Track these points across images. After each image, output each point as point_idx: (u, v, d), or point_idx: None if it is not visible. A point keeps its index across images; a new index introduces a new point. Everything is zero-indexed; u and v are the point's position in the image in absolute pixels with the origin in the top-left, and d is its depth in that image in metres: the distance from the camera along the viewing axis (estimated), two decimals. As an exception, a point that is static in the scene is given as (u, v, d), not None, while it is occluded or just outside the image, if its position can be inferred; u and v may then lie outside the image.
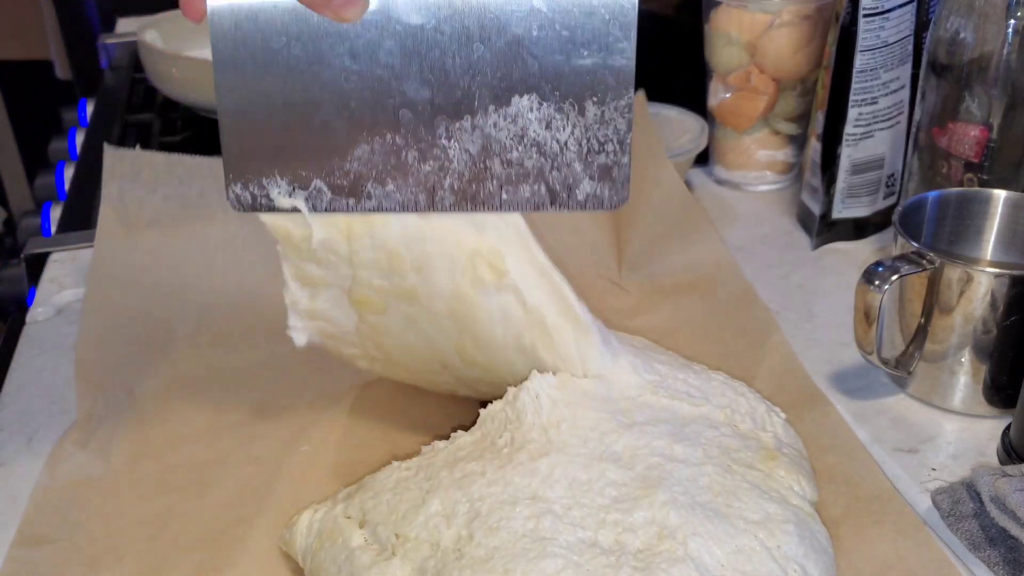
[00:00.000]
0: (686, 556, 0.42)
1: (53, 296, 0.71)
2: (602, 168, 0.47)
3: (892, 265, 0.56)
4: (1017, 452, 0.54)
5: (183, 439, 0.57)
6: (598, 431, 0.48)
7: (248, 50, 0.45)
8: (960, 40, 0.65)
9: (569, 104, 0.46)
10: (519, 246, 0.49)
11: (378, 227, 0.48)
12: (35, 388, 0.62)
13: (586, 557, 0.42)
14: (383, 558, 0.45)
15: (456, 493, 0.46)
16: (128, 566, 0.49)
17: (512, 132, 0.46)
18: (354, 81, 0.45)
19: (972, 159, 0.66)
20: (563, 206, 0.48)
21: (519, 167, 0.47)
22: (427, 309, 0.50)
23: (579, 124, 0.46)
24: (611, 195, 0.48)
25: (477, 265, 0.48)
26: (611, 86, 0.46)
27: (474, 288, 0.48)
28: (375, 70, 0.45)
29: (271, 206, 0.47)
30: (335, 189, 0.47)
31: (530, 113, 0.46)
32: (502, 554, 0.42)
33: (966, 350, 0.57)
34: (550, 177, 0.47)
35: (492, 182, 0.47)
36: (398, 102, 0.46)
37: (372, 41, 0.45)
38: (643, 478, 0.46)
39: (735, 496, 0.46)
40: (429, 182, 0.47)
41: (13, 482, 0.54)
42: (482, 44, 0.45)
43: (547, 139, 0.47)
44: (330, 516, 0.48)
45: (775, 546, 0.44)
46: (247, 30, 0.44)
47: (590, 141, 0.47)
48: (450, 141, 0.47)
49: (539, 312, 0.49)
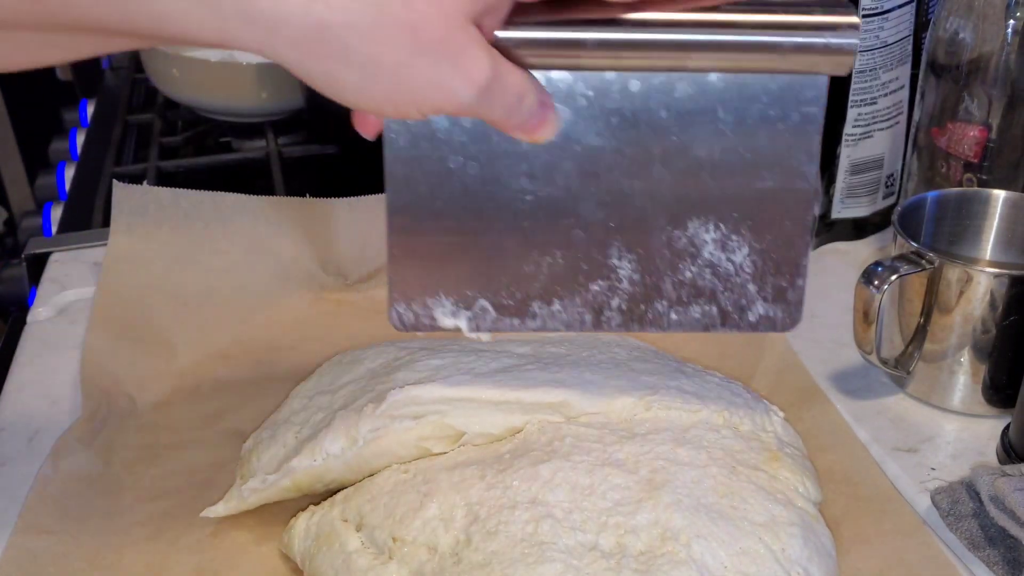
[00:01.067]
0: (689, 558, 0.42)
1: (54, 296, 0.71)
2: (776, 290, 0.45)
3: (891, 265, 0.56)
4: (1016, 451, 0.54)
5: (183, 446, 0.57)
6: (601, 443, 0.48)
7: (422, 169, 0.43)
8: (959, 40, 0.65)
9: (747, 226, 0.44)
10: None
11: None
12: (36, 388, 0.62)
13: (586, 561, 0.42)
14: (380, 562, 0.45)
15: (455, 497, 0.45)
16: (127, 564, 0.49)
17: (686, 253, 0.45)
18: (529, 202, 0.44)
19: (971, 159, 0.66)
20: (734, 327, 0.46)
21: (691, 288, 0.46)
22: None
23: (756, 246, 0.45)
24: (784, 317, 0.46)
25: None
26: (791, 208, 0.44)
27: None
28: (551, 191, 0.44)
29: (434, 325, 0.46)
30: (500, 309, 0.46)
31: (706, 234, 0.45)
32: (500, 559, 0.42)
33: (965, 350, 0.57)
34: (722, 298, 0.46)
35: (662, 302, 0.46)
36: (572, 223, 0.44)
37: (551, 162, 0.43)
38: (647, 481, 0.45)
39: (740, 498, 0.46)
40: (597, 302, 0.46)
41: (13, 482, 0.54)
42: (663, 166, 0.43)
43: (722, 260, 0.45)
44: (327, 519, 0.48)
45: (779, 549, 0.44)
46: (423, 149, 0.43)
47: (766, 263, 0.45)
48: (621, 261, 0.45)
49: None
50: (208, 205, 0.71)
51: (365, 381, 0.54)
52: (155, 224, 0.70)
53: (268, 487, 0.50)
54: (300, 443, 0.51)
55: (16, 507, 0.52)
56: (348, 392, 0.53)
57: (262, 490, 0.50)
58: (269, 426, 0.54)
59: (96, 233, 0.78)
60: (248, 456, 0.53)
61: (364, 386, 0.53)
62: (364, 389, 0.53)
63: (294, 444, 0.51)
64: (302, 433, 0.52)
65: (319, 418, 0.52)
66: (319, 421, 0.52)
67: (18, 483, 0.54)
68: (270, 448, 0.52)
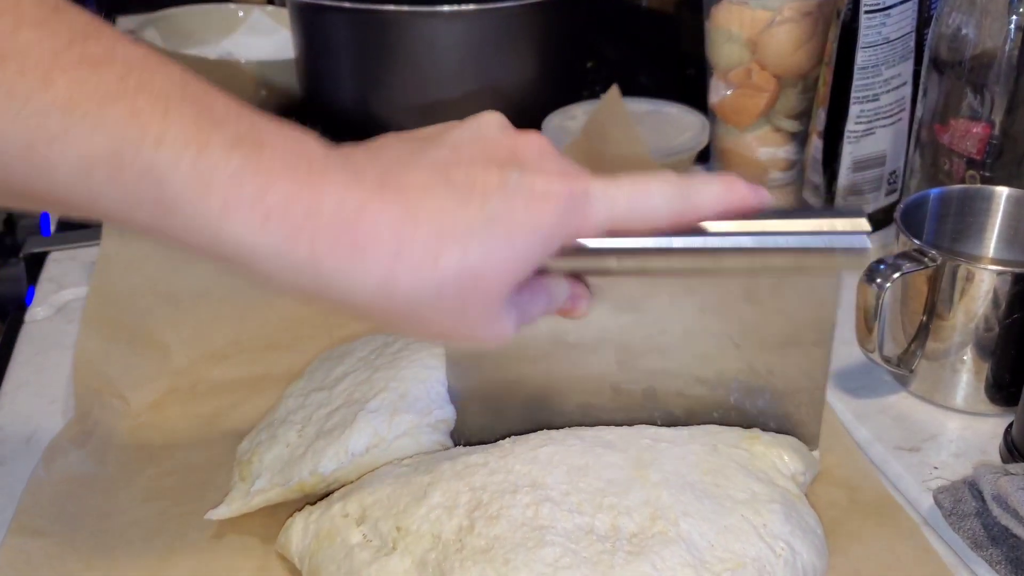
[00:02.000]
0: (678, 537, 0.44)
1: (52, 295, 0.71)
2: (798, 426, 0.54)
3: (894, 263, 0.56)
4: (1019, 450, 0.54)
5: (177, 446, 0.57)
6: (592, 430, 0.51)
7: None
8: (962, 36, 0.65)
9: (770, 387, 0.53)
10: None
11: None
12: (34, 387, 0.62)
13: (583, 544, 0.43)
14: (383, 553, 0.45)
15: (458, 484, 0.46)
16: (122, 566, 0.49)
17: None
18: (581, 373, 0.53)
19: (974, 156, 0.66)
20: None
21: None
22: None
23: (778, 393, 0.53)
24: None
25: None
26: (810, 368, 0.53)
27: None
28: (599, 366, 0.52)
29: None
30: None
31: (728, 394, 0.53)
32: (502, 544, 0.43)
33: (968, 348, 0.57)
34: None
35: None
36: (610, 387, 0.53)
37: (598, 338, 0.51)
38: (637, 460, 0.47)
39: (722, 475, 0.47)
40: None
41: (12, 481, 0.54)
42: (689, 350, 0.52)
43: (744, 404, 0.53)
44: (327, 516, 0.48)
45: (761, 524, 0.45)
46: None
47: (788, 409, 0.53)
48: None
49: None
50: None
51: (360, 369, 0.55)
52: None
53: (274, 488, 0.50)
54: (310, 441, 0.51)
55: (15, 506, 0.52)
56: (347, 384, 0.54)
57: (268, 491, 0.50)
58: (266, 427, 0.54)
59: (94, 232, 0.78)
60: (248, 458, 0.52)
61: (362, 375, 0.54)
62: (364, 380, 0.53)
63: (297, 442, 0.51)
64: (306, 432, 0.52)
65: (322, 413, 0.52)
66: (323, 417, 0.52)
67: (17, 482, 0.54)
68: (272, 448, 0.52)
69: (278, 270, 0.35)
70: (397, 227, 0.35)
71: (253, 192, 0.34)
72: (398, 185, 0.36)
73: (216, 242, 0.34)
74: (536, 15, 0.86)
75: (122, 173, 0.33)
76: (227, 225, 0.34)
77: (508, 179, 0.37)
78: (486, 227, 0.36)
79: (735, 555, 0.44)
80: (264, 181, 0.34)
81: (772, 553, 0.44)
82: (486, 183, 0.37)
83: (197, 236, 0.34)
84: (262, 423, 0.55)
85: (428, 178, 0.37)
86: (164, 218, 0.34)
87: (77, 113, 0.32)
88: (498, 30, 0.86)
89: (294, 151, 0.35)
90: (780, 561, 0.44)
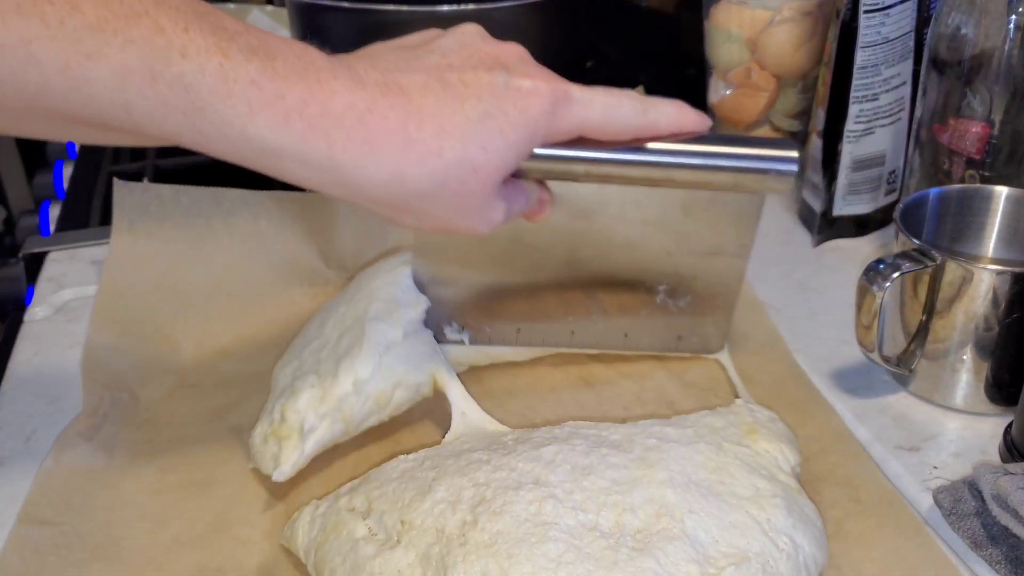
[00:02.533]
0: (682, 533, 0.44)
1: (51, 295, 0.71)
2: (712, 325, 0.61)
3: (893, 262, 0.56)
4: (1019, 450, 0.54)
5: (185, 441, 0.57)
6: (596, 428, 0.51)
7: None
8: (961, 36, 0.65)
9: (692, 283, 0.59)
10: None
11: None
12: (33, 387, 0.62)
13: (586, 540, 0.44)
14: (388, 547, 0.45)
15: (462, 479, 0.47)
16: (128, 558, 0.49)
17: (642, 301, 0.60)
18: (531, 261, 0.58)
19: (974, 155, 0.66)
20: (672, 351, 0.62)
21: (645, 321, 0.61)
22: None
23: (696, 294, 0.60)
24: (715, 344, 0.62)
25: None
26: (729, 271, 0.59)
27: None
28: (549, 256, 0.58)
29: (441, 339, 0.60)
30: (496, 332, 0.61)
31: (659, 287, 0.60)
32: (505, 538, 0.44)
33: (968, 348, 0.57)
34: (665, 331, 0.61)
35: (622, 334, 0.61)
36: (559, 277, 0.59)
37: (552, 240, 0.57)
38: (641, 459, 0.48)
39: (727, 472, 0.48)
40: (572, 327, 0.61)
41: (11, 481, 0.54)
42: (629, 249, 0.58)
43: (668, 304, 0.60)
44: (333, 510, 0.48)
45: (765, 519, 0.46)
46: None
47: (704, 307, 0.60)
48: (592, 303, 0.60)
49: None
50: (209, 201, 0.72)
51: (335, 309, 0.58)
52: (156, 221, 0.70)
53: (323, 423, 0.51)
54: (334, 369, 0.53)
55: (14, 506, 0.52)
56: (333, 322, 0.57)
57: (316, 428, 0.51)
58: (275, 399, 0.54)
59: (94, 232, 0.78)
60: (279, 420, 0.52)
61: (341, 310, 0.58)
62: (347, 310, 0.57)
63: (322, 377, 0.53)
64: (324, 368, 0.53)
65: (328, 349, 0.55)
66: (331, 350, 0.54)
67: (16, 482, 0.54)
68: (299, 399, 0.52)
69: (300, 166, 0.40)
70: (403, 124, 0.40)
71: (272, 95, 0.38)
72: (399, 87, 0.41)
73: (243, 142, 0.38)
74: (535, 15, 0.86)
75: (155, 83, 0.36)
76: (252, 126, 0.38)
77: (497, 80, 0.42)
78: (482, 122, 0.41)
79: (739, 550, 0.44)
80: (281, 86, 0.38)
81: (775, 547, 0.45)
82: (478, 84, 0.42)
83: (224, 139, 0.38)
84: (266, 406, 0.55)
85: (426, 81, 0.41)
86: (195, 124, 0.37)
87: (108, 31, 0.35)
88: (498, 30, 0.85)
89: (302, 58, 0.39)
90: (783, 555, 0.45)
